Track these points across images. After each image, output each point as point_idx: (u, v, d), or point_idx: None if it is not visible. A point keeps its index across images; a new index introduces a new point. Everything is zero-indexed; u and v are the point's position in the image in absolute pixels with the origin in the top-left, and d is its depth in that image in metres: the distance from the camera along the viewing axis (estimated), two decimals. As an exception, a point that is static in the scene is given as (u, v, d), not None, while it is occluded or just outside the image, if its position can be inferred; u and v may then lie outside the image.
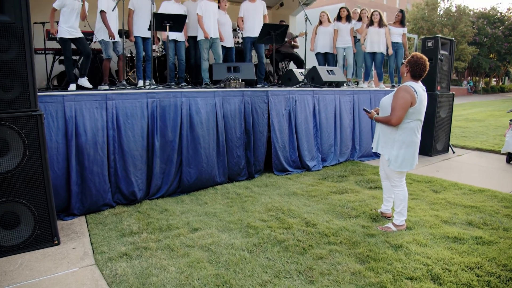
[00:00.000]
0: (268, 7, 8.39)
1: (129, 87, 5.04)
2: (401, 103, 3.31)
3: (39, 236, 3.33)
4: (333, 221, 3.95)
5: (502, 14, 36.08)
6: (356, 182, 5.48)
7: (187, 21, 6.75)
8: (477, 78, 40.36)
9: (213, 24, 6.60)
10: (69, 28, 5.35)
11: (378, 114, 3.68)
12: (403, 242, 3.40)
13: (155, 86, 5.25)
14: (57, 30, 5.32)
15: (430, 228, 3.75)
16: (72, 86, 5.53)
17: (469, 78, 40.42)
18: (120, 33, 5.92)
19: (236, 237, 3.59)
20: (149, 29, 5.73)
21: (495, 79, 45.23)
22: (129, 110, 4.43)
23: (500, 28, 35.32)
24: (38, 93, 3.45)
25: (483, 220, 3.99)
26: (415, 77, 3.43)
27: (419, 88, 3.41)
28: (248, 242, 3.44)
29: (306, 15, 6.37)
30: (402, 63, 3.50)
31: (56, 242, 3.43)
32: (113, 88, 5.12)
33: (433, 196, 4.88)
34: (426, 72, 3.43)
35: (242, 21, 7.15)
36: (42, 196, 3.30)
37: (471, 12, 35.94)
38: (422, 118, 3.51)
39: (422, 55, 3.41)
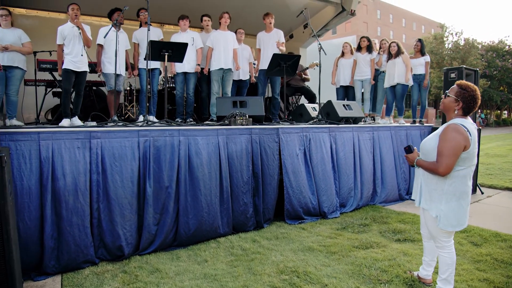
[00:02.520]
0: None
1: (120, 123, 4.43)
2: (452, 147, 2.61)
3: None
4: (361, 289, 3.19)
5: (511, 47, 35.93)
6: (381, 233, 4.71)
7: (200, 46, 6.26)
8: (488, 110, 39.80)
9: (224, 55, 6.13)
10: (74, 59, 4.93)
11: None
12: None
13: (150, 123, 4.63)
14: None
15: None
16: (65, 121, 5.00)
17: (479, 111, 39.89)
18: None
19: (241, 316, 2.83)
20: (145, 58, 5.22)
21: (506, 112, 44.69)
22: (117, 151, 3.80)
23: (509, 60, 35.11)
24: (8, 130, 2.96)
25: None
26: (466, 113, 2.76)
27: (471, 126, 2.72)
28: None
29: (320, 44, 5.81)
30: (448, 96, 2.82)
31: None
32: (99, 124, 4.51)
33: (474, 250, 4.09)
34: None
35: (259, 52, 6.72)
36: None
37: (480, 46, 35.90)
38: (476, 162, 2.81)
39: (474, 86, 2.75)
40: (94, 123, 4.26)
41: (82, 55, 4.96)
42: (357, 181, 5.69)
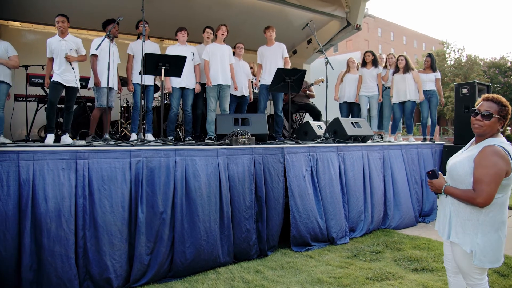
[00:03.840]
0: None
1: (112, 142, 4.09)
2: (493, 174, 2.21)
3: None
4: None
5: (513, 63, 35.91)
6: (395, 261, 4.31)
7: (198, 62, 5.98)
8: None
9: (221, 69, 5.81)
10: (61, 74, 4.63)
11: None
12: None
13: (145, 142, 4.28)
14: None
15: None
16: (50, 138, 4.66)
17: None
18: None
19: None
20: (140, 73, 4.91)
21: (509, 128, 44.34)
22: (106, 172, 3.45)
23: (511, 76, 34.92)
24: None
25: None
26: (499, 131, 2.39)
27: (509, 147, 2.34)
28: None
29: (326, 58, 5.50)
30: (493, 116, 2.36)
31: None
32: (87, 143, 4.15)
33: (502, 282, 3.68)
34: None
35: (260, 68, 6.41)
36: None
37: (481, 62, 35.85)
38: None
39: (503, 98, 2.39)
40: (83, 142, 3.92)
41: (73, 76, 4.67)
42: (367, 204, 5.30)
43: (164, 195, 3.70)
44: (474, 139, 2.56)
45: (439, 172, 2.53)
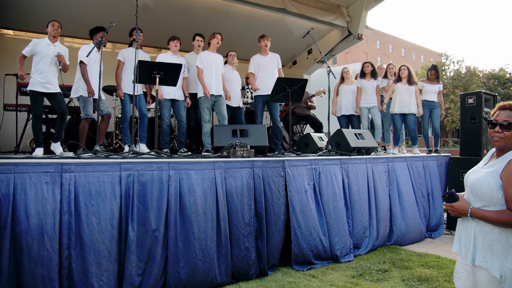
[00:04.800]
0: (281, 66, 7.50)
1: (103, 155, 3.85)
2: None
3: None
4: None
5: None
6: (404, 281, 4.04)
7: (187, 75, 5.79)
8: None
9: (215, 79, 5.59)
10: (42, 80, 4.39)
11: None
12: None
13: (137, 154, 4.03)
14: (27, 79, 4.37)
15: None
16: (39, 151, 4.43)
17: (483, 139, 39.37)
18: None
19: None
20: (132, 81, 4.70)
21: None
22: (94, 187, 3.22)
23: (511, 88, 34.90)
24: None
25: None
26: None
27: None
28: None
29: (329, 67, 5.30)
30: None
31: None
32: (76, 155, 3.90)
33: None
34: None
35: (253, 77, 6.16)
36: None
37: (480, 74, 35.88)
38: None
39: None
40: (71, 154, 3.68)
41: (53, 81, 4.47)
42: (372, 219, 5.04)
43: (157, 211, 3.45)
44: (493, 151, 2.33)
45: (458, 194, 2.26)
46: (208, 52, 5.74)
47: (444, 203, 2.26)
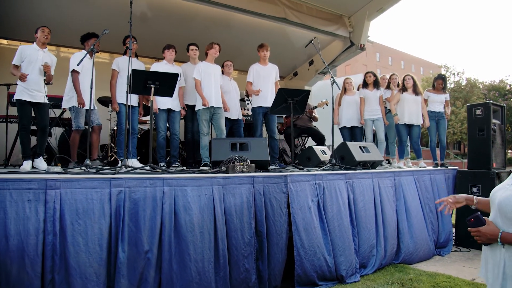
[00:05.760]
0: (281, 77, 7.33)
1: (93, 170, 3.61)
2: None
3: None
4: None
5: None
6: (415, 305, 3.78)
7: (183, 84, 5.60)
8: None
9: (214, 91, 5.39)
10: (29, 87, 4.19)
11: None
12: None
13: (128, 169, 3.79)
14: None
15: None
16: (26, 165, 4.20)
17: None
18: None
19: None
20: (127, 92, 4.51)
21: (510, 151, 43.97)
22: (82, 205, 2.97)
23: (511, 99, 34.81)
24: None
25: None
26: None
27: None
28: None
29: (333, 77, 5.10)
30: None
31: None
32: (64, 169, 3.65)
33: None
34: None
35: (251, 85, 5.97)
36: None
37: (481, 85, 35.86)
38: None
39: None
40: (58, 168, 3.45)
41: (41, 89, 4.28)
42: (379, 237, 4.78)
43: (150, 231, 3.20)
44: None
45: (485, 217, 2.02)
46: (205, 62, 5.57)
47: (470, 228, 2.02)
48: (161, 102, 5.39)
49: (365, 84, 6.75)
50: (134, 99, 5.25)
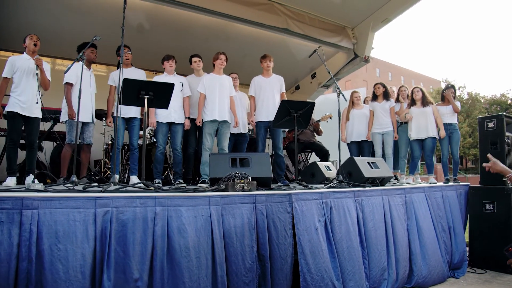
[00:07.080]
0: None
1: (79, 188, 3.30)
2: None
3: None
4: None
5: (513, 100, 35.95)
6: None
7: (188, 94, 5.36)
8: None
9: (219, 104, 5.13)
10: (22, 99, 3.94)
11: None
12: None
13: (117, 187, 3.48)
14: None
15: None
16: (10, 181, 3.90)
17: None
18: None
19: None
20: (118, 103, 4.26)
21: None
22: (63, 227, 2.65)
23: (512, 114, 34.85)
24: None
25: None
26: None
27: None
28: None
29: (339, 88, 4.82)
30: None
31: None
32: (47, 187, 3.32)
33: None
34: None
35: (254, 101, 5.72)
36: None
37: (482, 99, 35.83)
38: None
39: None
40: (40, 186, 3.14)
41: (36, 101, 4.02)
42: (391, 259, 4.43)
43: (140, 256, 2.87)
44: None
45: None
46: (212, 74, 5.36)
47: (510, 260, 1.75)
48: (162, 116, 5.13)
49: (374, 97, 6.50)
50: (134, 110, 4.99)
